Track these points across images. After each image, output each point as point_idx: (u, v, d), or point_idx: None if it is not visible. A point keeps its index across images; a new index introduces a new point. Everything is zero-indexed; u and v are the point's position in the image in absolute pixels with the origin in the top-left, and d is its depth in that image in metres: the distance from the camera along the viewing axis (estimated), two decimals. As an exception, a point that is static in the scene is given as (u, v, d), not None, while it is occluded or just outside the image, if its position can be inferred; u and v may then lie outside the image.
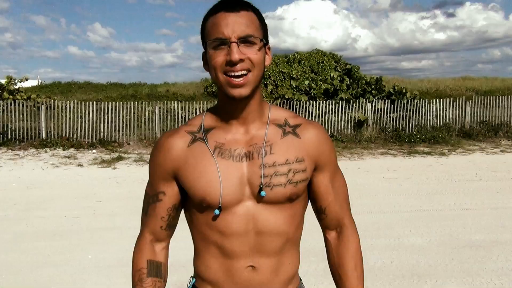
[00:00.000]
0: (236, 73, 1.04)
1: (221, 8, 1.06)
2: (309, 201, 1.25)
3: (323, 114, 13.21)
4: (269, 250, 1.14)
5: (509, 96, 14.31)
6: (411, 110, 13.57)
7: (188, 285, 1.25)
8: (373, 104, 13.58)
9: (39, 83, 27.11)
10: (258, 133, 1.14)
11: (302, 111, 13.22)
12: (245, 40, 1.04)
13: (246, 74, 1.05)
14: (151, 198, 1.20)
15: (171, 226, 1.22)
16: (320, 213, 1.24)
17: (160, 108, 12.52)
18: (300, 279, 1.28)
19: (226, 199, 1.10)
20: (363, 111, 13.35)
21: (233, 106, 1.12)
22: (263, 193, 1.10)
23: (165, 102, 13.11)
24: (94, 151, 11.16)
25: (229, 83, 1.06)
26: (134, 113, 12.38)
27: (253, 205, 1.12)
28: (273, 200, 1.12)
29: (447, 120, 13.71)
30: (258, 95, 1.13)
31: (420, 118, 13.61)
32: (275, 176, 1.11)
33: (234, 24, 1.04)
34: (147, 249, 1.21)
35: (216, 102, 1.21)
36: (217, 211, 1.11)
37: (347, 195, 1.27)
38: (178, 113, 12.60)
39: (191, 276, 1.25)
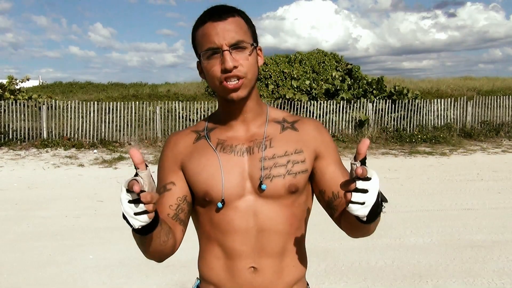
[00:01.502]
0: (232, 79, 1.08)
1: (209, 18, 1.09)
2: (319, 196, 1.20)
3: (324, 114, 13.21)
4: (271, 250, 1.14)
5: (510, 96, 14.27)
6: (412, 110, 13.55)
7: (193, 286, 1.25)
8: (374, 104, 13.57)
9: (40, 83, 27.17)
10: (258, 130, 1.18)
11: (303, 111, 13.22)
12: (236, 47, 1.08)
13: (241, 78, 1.09)
14: (158, 191, 1.18)
15: (179, 219, 1.16)
16: (332, 201, 1.18)
17: (161, 108, 12.52)
18: (308, 284, 1.26)
19: (227, 193, 1.12)
20: (364, 111, 13.35)
21: (232, 108, 1.16)
22: (263, 186, 1.11)
23: (166, 102, 13.11)
24: (95, 151, 11.17)
25: (226, 89, 1.09)
26: (135, 113, 12.39)
27: (254, 200, 1.13)
28: (273, 192, 1.12)
29: (448, 120, 13.70)
30: (255, 95, 1.17)
31: (421, 118, 13.59)
32: (275, 168, 1.13)
33: (224, 32, 1.07)
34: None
35: (217, 102, 1.23)
36: (219, 204, 1.12)
37: None
38: (179, 113, 12.60)
39: (197, 278, 1.25)
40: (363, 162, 0.94)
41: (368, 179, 0.91)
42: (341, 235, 1.24)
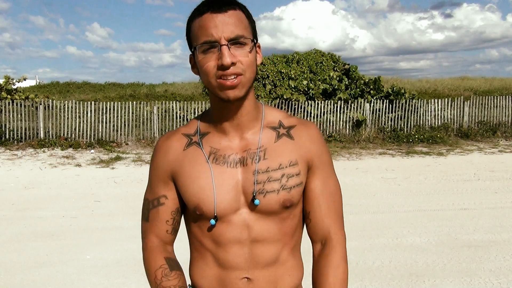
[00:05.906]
0: (229, 77, 1.00)
1: (207, 8, 1.01)
2: None
3: (322, 114, 13.22)
4: (265, 261, 1.11)
5: (507, 96, 14.32)
6: (409, 110, 13.58)
7: None
8: (372, 104, 13.59)
9: (38, 83, 27.09)
10: (253, 138, 1.11)
11: (301, 111, 13.23)
12: (235, 42, 1.00)
13: (239, 76, 1.01)
14: (151, 203, 1.16)
15: (176, 230, 1.18)
16: (305, 217, 1.17)
17: (158, 108, 12.50)
18: None
19: (220, 207, 1.07)
20: (362, 111, 13.36)
21: (227, 109, 1.08)
22: (256, 201, 1.06)
23: (164, 102, 13.10)
24: (92, 151, 11.14)
25: (222, 86, 1.01)
26: (132, 113, 12.36)
27: (247, 213, 1.09)
28: (266, 208, 1.08)
29: (445, 120, 13.73)
30: (251, 97, 1.10)
31: (418, 118, 13.62)
32: (268, 182, 1.07)
33: (223, 25, 0.99)
34: (160, 249, 1.15)
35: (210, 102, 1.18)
36: (212, 221, 1.08)
37: (339, 204, 1.17)
38: (176, 113, 12.59)
39: (189, 285, 1.20)
40: None
41: None
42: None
